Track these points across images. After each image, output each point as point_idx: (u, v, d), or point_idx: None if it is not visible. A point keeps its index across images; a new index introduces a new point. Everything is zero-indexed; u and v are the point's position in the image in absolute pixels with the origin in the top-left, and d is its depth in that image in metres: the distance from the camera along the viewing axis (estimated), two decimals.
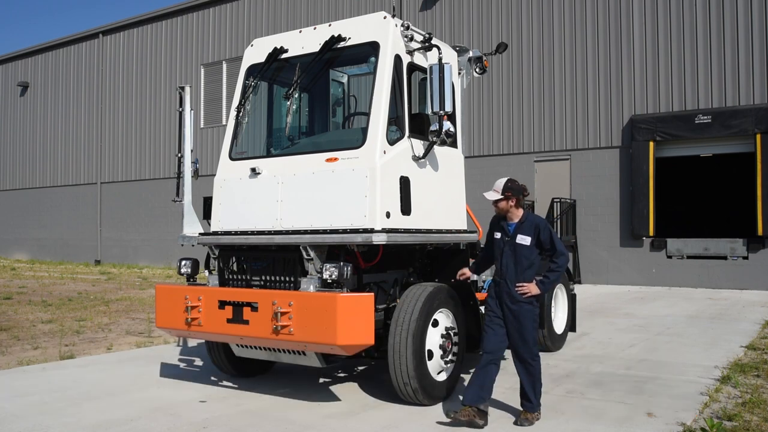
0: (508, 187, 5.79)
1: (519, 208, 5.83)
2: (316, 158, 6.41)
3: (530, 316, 5.71)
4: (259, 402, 6.48)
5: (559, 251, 5.70)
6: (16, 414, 6.08)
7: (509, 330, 5.71)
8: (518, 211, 5.82)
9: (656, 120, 17.83)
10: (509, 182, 5.84)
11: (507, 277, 5.74)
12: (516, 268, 5.71)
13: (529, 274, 5.71)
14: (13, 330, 11.05)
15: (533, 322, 5.73)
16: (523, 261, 5.70)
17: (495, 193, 5.81)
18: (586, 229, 19.06)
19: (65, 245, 31.72)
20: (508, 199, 5.78)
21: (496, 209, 5.86)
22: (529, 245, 5.70)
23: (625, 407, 6.14)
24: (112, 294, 16.90)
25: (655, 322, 11.51)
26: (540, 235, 5.71)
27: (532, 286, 5.67)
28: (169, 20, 28.41)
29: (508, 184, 5.82)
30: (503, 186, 5.80)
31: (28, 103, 34.00)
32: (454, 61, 7.47)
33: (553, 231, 5.75)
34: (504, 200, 5.79)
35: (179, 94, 7.61)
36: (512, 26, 20.33)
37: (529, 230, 5.73)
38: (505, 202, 5.79)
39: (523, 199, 5.85)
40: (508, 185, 5.80)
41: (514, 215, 5.83)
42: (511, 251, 5.74)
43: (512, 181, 5.87)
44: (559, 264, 5.70)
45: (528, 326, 5.69)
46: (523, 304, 5.69)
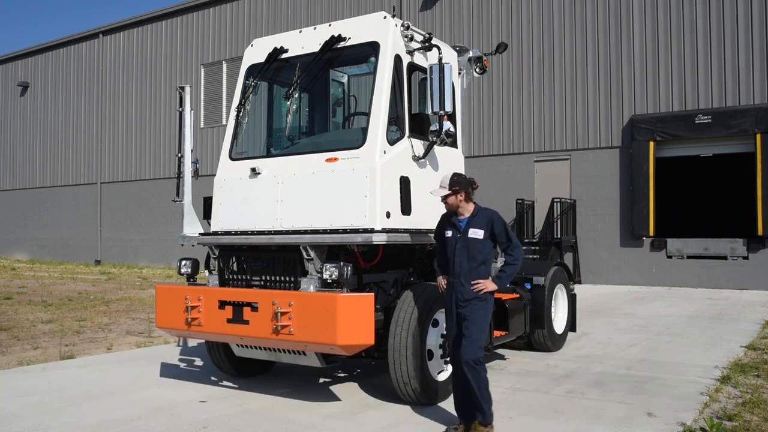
0: (455, 181, 5.49)
1: (469, 202, 5.56)
2: (316, 158, 6.41)
3: (481, 313, 5.39)
4: (259, 402, 6.48)
5: (514, 243, 5.47)
6: (16, 414, 6.08)
7: (458, 331, 5.42)
8: (469, 206, 5.55)
9: (656, 120, 17.83)
10: (455, 176, 5.55)
11: (461, 275, 5.43)
12: (470, 264, 5.42)
13: (484, 270, 5.45)
14: (13, 330, 11.05)
15: (484, 321, 5.40)
16: (477, 256, 5.42)
17: (443, 189, 5.51)
18: (586, 229, 19.07)
19: (65, 245, 31.72)
20: (457, 194, 5.48)
21: (446, 206, 5.60)
22: (482, 239, 5.43)
23: (625, 407, 6.14)
24: (112, 294, 16.90)
25: (655, 322, 11.51)
26: (494, 227, 5.46)
27: (488, 282, 5.39)
28: (169, 20, 28.42)
29: (455, 178, 5.52)
30: (450, 180, 5.50)
31: (28, 103, 34.00)
32: (454, 61, 7.47)
33: (507, 225, 5.55)
34: (452, 195, 5.49)
35: (179, 94, 7.61)
36: (512, 26, 20.33)
37: (481, 223, 5.46)
38: (453, 198, 5.49)
39: (473, 192, 5.60)
40: (454, 179, 5.51)
41: (464, 210, 5.54)
42: (463, 248, 5.45)
43: (458, 175, 5.58)
44: (515, 257, 5.45)
45: (477, 323, 5.34)
46: (475, 301, 5.38)
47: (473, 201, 5.59)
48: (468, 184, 5.53)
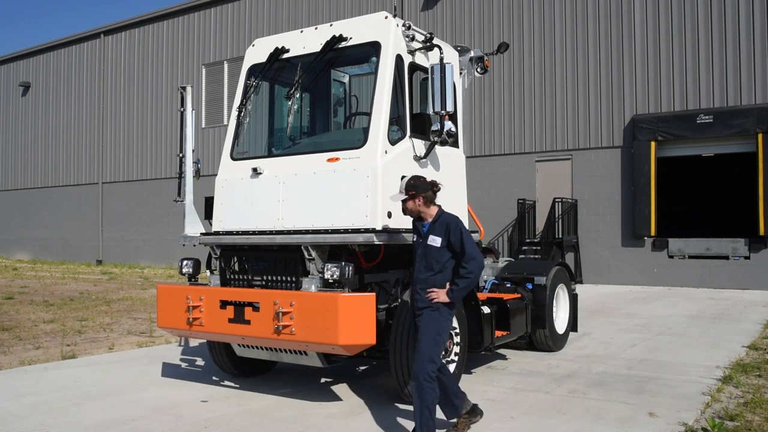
0: (411, 185, 5.22)
1: (430, 206, 5.26)
2: (317, 158, 6.41)
3: (432, 324, 5.08)
4: (260, 402, 6.48)
5: (468, 255, 5.06)
6: (17, 414, 6.09)
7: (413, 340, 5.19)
8: (430, 210, 5.26)
9: (658, 120, 17.82)
10: (412, 179, 5.27)
11: (417, 282, 5.22)
12: (426, 272, 5.16)
13: (440, 279, 5.14)
14: (15, 330, 11.06)
15: (435, 334, 5.06)
16: (434, 264, 5.13)
17: (400, 195, 5.28)
18: (587, 229, 19.06)
19: (67, 245, 31.74)
20: (414, 198, 5.22)
21: (407, 212, 5.37)
22: (439, 247, 5.13)
23: (626, 407, 6.14)
24: (114, 294, 16.91)
25: (656, 322, 11.51)
26: (450, 235, 5.13)
27: (441, 292, 5.08)
28: (171, 20, 28.43)
29: (411, 181, 5.24)
30: (406, 185, 5.25)
31: (30, 104, 34.03)
32: (455, 60, 7.48)
33: (466, 233, 5.16)
34: (410, 200, 5.24)
35: (181, 94, 7.62)
36: (513, 26, 20.33)
37: (440, 230, 5.17)
38: (412, 202, 5.24)
39: (434, 196, 5.28)
40: (411, 183, 5.23)
41: (426, 215, 5.27)
42: (422, 254, 5.21)
43: (416, 178, 5.30)
44: (468, 269, 5.04)
45: (427, 335, 5.06)
46: (427, 310, 5.11)
47: (437, 205, 5.32)
48: (426, 188, 5.24)
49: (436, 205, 5.32)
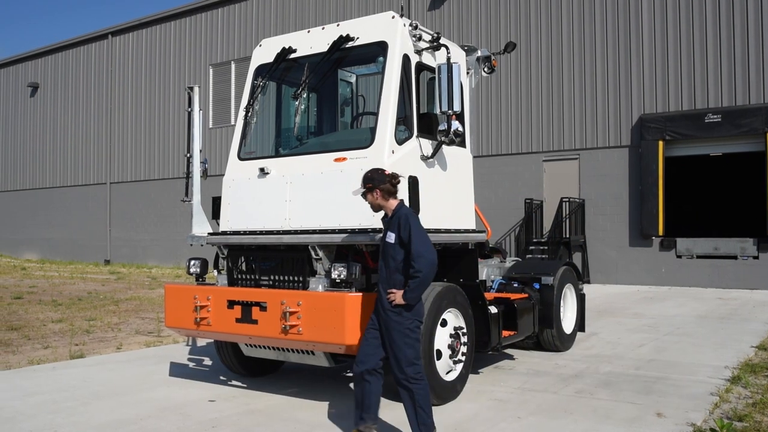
0: (368, 178, 5.13)
1: (389, 200, 5.13)
2: (324, 158, 6.41)
3: (397, 329, 4.96)
4: (267, 401, 6.49)
5: (416, 253, 4.86)
6: (26, 413, 6.12)
7: (385, 343, 5.07)
8: (389, 203, 5.13)
9: (665, 119, 17.76)
10: (369, 172, 5.18)
11: (380, 282, 5.10)
12: (386, 271, 5.02)
13: (399, 278, 5.00)
14: (24, 329, 11.11)
15: (404, 338, 4.96)
16: (390, 262, 5.01)
17: (360, 189, 5.20)
18: (595, 228, 19.01)
19: (75, 245, 31.86)
20: (371, 191, 5.12)
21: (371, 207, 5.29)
22: (393, 243, 5.00)
23: (634, 407, 6.12)
24: (122, 294, 16.97)
25: (664, 322, 11.47)
26: (401, 230, 4.97)
27: (399, 294, 4.94)
28: (178, 21, 28.50)
29: (368, 174, 5.16)
30: (363, 177, 5.19)
31: (38, 104, 34.17)
32: (462, 60, 7.47)
33: (416, 227, 4.96)
34: (368, 193, 5.14)
35: (188, 95, 7.64)
36: (520, 25, 20.29)
37: (394, 225, 5.03)
38: (370, 196, 5.14)
39: (394, 188, 5.13)
40: (368, 176, 5.15)
41: (386, 208, 5.16)
42: (382, 251, 5.12)
43: (374, 171, 5.18)
44: (416, 269, 4.85)
45: (397, 341, 4.95)
46: (389, 313, 4.98)
47: (397, 198, 5.19)
48: (383, 180, 5.10)
49: (396, 199, 5.20)
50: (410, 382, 4.94)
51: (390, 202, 5.16)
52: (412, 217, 5.04)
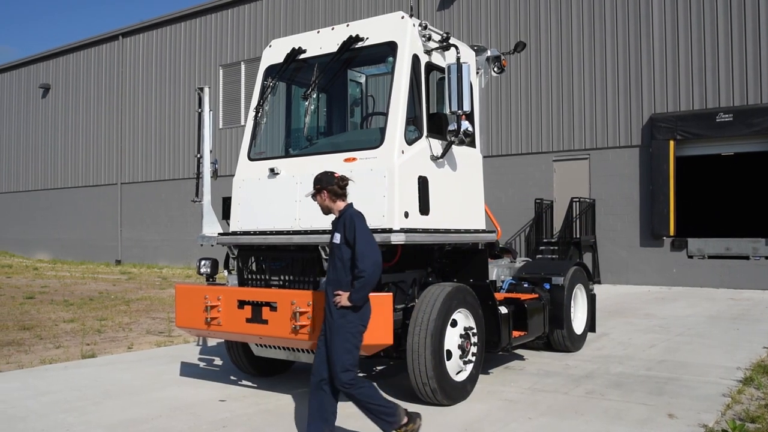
0: (317, 179, 5.14)
1: (337, 201, 5.09)
2: (334, 158, 6.42)
3: (340, 332, 4.84)
4: (278, 401, 6.50)
5: (360, 253, 4.79)
6: (39, 412, 6.15)
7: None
8: (337, 204, 5.10)
9: (676, 119, 17.67)
10: (319, 174, 5.16)
11: (327, 282, 5.06)
12: (333, 271, 4.97)
13: (346, 279, 4.91)
14: (36, 329, 11.18)
15: (344, 342, 4.83)
16: (337, 263, 4.95)
17: (311, 191, 5.22)
18: (605, 228, 18.94)
19: (86, 245, 32.03)
20: (320, 193, 5.10)
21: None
22: (339, 243, 4.95)
23: (645, 408, 6.09)
24: (133, 294, 17.04)
25: (675, 322, 11.41)
26: (346, 231, 4.92)
27: (345, 295, 4.84)
28: (188, 22, 28.61)
29: (318, 176, 5.16)
30: (313, 179, 5.20)
31: (50, 105, 34.39)
32: (472, 60, 7.46)
33: (361, 228, 4.88)
34: (317, 194, 5.14)
35: (198, 95, 7.66)
36: (530, 25, 20.24)
37: (340, 226, 5.00)
38: (319, 197, 5.12)
39: (341, 189, 5.09)
40: (317, 177, 5.15)
41: (334, 210, 5.13)
42: (331, 252, 5.08)
43: (323, 173, 5.16)
44: (360, 269, 4.77)
45: (336, 345, 4.83)
46: (335, 316, 4.88)
47: (344, 200, 5.14)
48: (330, 181, 5.08)
49: (345, 201, 5.15)
50: (346, 388, 4.84)
51: (337, 203, 5.11)
52: (358, 218, 4.98)
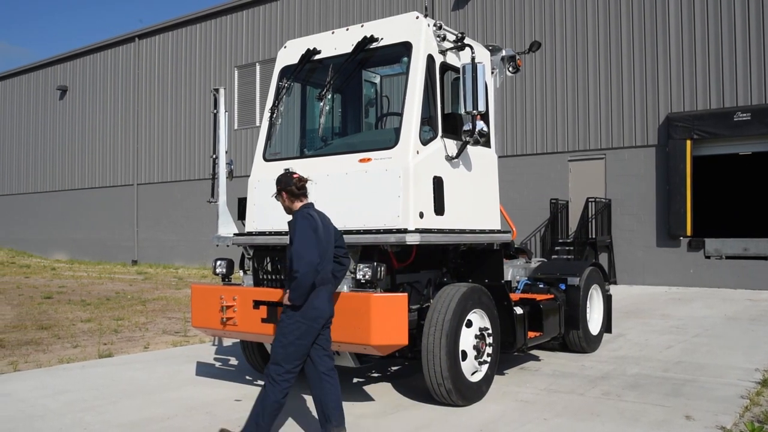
0: (277, 180, 5.23)
1: (294, 202, 5.18)
2: (349, 159, 6.43)
3: (280, 327, 4.99)
4: (293, 401, 6.51)
5: (295, 253, 4.85)
6: (57, 411, 6.21)
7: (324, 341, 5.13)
8: (294, 205, 5.18)
9: (693, 118, 17.52)
10: (280, 175, 5.25)
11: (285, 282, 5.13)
12: (289, 271, 5.02)
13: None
14: (54, 329, 11.28)
15: (281, 336, 4.95)
16: (288, 262, 5.03)
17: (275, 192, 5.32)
18: (621, 228, 18.82)
19: (103, 245, 32.28)
20: (279, 194, 5.21)
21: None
22: (289, 243, 5.06)
23: (662, 410, 6.05)
24: (149, 294, 17.15)
25: (692, 323, 11.32)
26: (290, 230, 5.03)
27: (286, 294, 4.99)
28: (203, 23, 28.75)
29: (279, 177, 5.25)
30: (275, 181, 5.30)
31: (67, 107, 34.68)
32: (487, 60, 7.44)
33: (300, 228, 4.93)
34: (278, 195, 5.24)
35: (213, 96, 7.70)
36: (545, 24, 20.16)
37: (290, 226, 5.09)
38: (280, 198, 5.23)
39: (298, 191, 5.16)
40: (278, 178, 5.24)
41: (293, 211, 5.21)
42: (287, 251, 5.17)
43: (284, 174, 5.26)
44: (294, 269, 4.82)
45: (276, 338, 5.00)
46: (282, 312, 5.04)
47: (302, 201, 5.21)
48: (288, 183, 5.16)
49: (301, 201, 5.20)
50: (266, 378, 4.97)
51: (295, 204, 5.18)
52: (300, 218, 5.01)
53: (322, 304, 5.00)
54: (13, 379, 7.62)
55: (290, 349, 4.94)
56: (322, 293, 5.00)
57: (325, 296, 5.02)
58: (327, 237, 5.08)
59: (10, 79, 38.45)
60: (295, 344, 4.94)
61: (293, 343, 4.94)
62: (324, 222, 5.14)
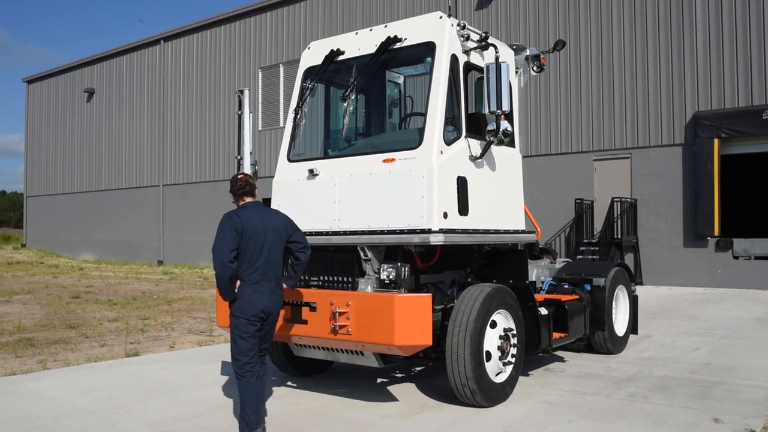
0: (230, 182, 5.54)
1: (239, 201, 5.46)
2: (373, 159, 6.43)
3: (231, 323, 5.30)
4: (317, 401, 6.54)
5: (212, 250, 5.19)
6: (85, 409, 6.29)
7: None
8: (239, 205, 5.47)
9: (721, 116, 17.28)
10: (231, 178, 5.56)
11: None
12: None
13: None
14: (82, 328, 11.44)
15: (231, 333, 5.29)
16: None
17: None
18: (647, 229, 18.62)
19: (129, 246, 32.64)
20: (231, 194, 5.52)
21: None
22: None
23: (690, 412, 5.98)
24: (175, 294, 17.31)
25: (720, 324, 11.16)
26: None
27: None
28: (228, 25, 28.95)
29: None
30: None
31: (94, 109, 35.13)
32: (511, 59, 7.41)
33: (219, 229, 5.19)
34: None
35: (238, 98, 7.74)
36: (570, 22, 20.01)
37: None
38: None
39: (240, 190, 5.41)
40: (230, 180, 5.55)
41: None
42: None
43: (233, 176, 5.55)
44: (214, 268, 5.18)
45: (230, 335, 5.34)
46: None
47: (243, 200, 5.45)
48: (233, 184, 5.46)
49: (244, 200, 5.45)
50: (238, 377, 5.24)
51: (239, 203, 5.45)
52: (223, 218, 5.28)
53: (259, 299, 5.19)
54: (42, 377, 7.74)
55: (238, 342, 5.24)
56: (261, 288, 5.20)
57: (262, 291, 5.21)
58: (258, 236, 5.23)
59: (39, 82, 39.07)
60: (239, 338, 5.22)
61: (239, 337, 5.23)
62: (262, 220, 5.31)
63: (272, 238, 5.29)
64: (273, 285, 5.28)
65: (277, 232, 5.34)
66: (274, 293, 5.29)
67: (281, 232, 5.38)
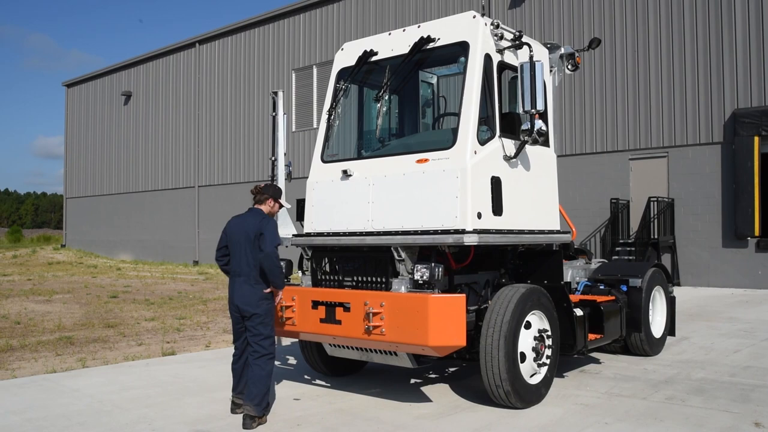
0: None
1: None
2: (406, 159, 6.43)
3: None
4: (351, 401, 6.56)
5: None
6: (122, 407, 6.40)
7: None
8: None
9: (761, 114, 16.90)
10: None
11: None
12: None
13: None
14: (119, 327, 11.63)
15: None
16: None
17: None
18: (685, 229, 18.31)
19: (166, 246, 33.10)
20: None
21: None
22: None
23: (729, 416, 5.86)
24: (210, 293, 17.50)
25: (762, 327, 10.93)
26: None
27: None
28: (261, 27, 29.19)
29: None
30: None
31: (131, 112, 35.71)
32: (545, 58, 7.34)
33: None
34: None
35: (272, 99, 7.82)
36: (605, 19, 19.76)
37: None
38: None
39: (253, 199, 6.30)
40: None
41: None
42: None
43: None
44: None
45: None
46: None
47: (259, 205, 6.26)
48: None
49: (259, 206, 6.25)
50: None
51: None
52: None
53: (230, 292, 6.06)
54: (81, 374, 7.89)
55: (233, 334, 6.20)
56: (232, 282, 6.05)
57: (232, 285, 6.04)
58: (234, 237, 6.05)
59: (78, 86, 39.84)
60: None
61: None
62: (242, 224, 6.06)
63: (243, 239, 5.97)
64: (241, 281, 5.96)
65: (246, 234, 5.96)
66: (241, 288, 5.93)
67: (249, 234, 5.95)
